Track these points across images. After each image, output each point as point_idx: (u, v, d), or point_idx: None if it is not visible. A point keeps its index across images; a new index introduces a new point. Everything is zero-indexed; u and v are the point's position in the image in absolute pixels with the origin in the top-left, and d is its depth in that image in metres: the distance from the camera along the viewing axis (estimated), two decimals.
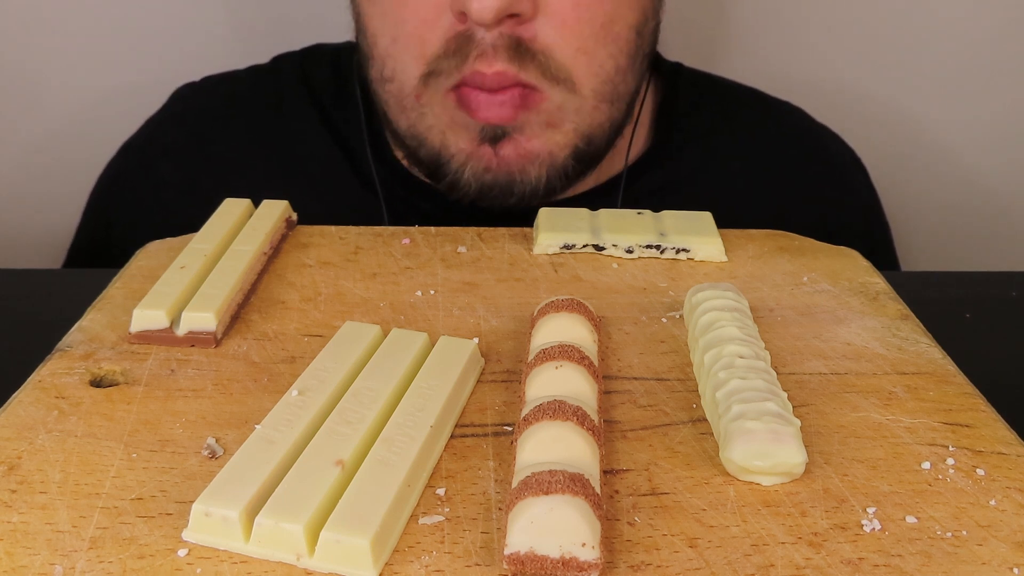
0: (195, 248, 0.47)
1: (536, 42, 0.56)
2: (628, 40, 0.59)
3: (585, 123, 0.60)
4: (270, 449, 0.32)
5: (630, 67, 0.61)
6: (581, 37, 0.57)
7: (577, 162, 0.61)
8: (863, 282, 0.48)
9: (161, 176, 0.70)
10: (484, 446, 0.35)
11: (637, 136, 0.70)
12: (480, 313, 0.45)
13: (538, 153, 0.60)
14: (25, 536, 0.30)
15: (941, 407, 0.38)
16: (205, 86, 0.74)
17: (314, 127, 0.69)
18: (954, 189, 0.93)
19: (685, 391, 0.39)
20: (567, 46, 0.57)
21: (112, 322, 0.43)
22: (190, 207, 0.54)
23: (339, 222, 0.54)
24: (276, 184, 0.67)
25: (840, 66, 0.88)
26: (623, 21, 0.58)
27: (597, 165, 0.65)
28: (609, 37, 0.58)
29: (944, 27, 0.87)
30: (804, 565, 0.30)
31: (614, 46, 0.59)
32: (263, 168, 0.69)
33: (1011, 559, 0.30)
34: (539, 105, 0.58)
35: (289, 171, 0.69)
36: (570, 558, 0.28)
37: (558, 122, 0.59)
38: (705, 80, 0.75)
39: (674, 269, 0.49)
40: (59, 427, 0.35)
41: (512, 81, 0.56)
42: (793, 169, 0.71)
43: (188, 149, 0.70)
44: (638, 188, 0.68)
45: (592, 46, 0.58)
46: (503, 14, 0.54)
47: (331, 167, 0.68)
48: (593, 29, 0.57)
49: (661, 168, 0.69)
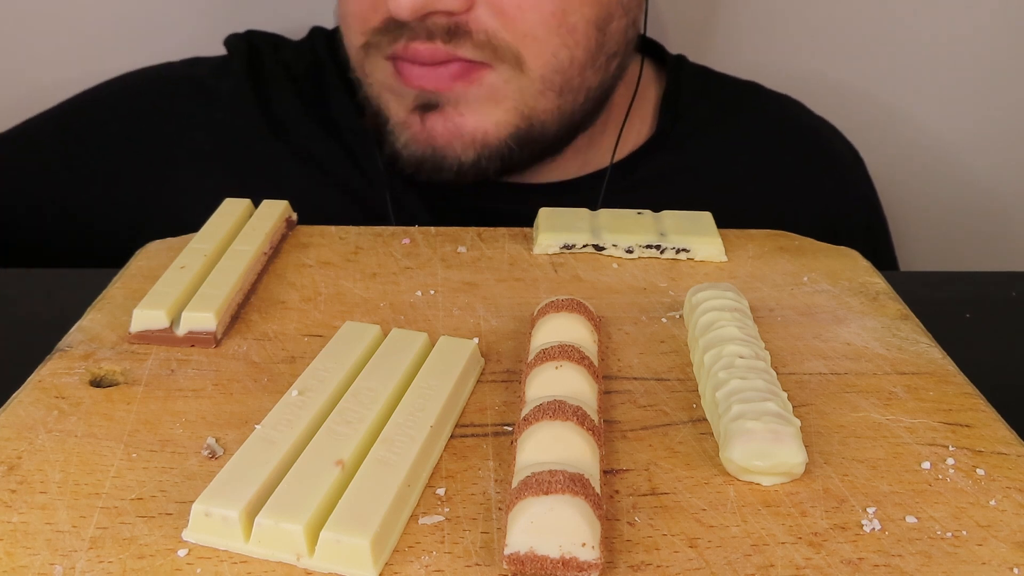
0: (195, 248, 0.47)
1: (474, 25, 0.57)
2: (586, 35, 0.60)
3: (528, 105, 0.60)
4: (270, 449, 0.32)
5: (589, 62, 0.61)
6: (526, 23, 0.58)
7: (519, 146, 0.62)
8: (863, 282, 0.48)
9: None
10: (484, 446, 0.35)
11: (641, 125, 0.71)
12: (480, 313, 0.45)
13: (468, 131, 0.60)
14: (25, 536, 0.30)
15: (941, 407, 0.38)
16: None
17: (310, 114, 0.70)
18: (954, 189, 0.93)
19: (685, 391, 0.39)
20: (512, 31, 0.58)
21: (112, 322, 0.43)
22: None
23: (344, 209, 0.54)
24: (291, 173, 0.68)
25: (841, 67, 0.88)
26: (578, 14, 0.59)
27: (554, 153, 0.66)
28: (563, 28, 0.59)
29: (944, 27, 0.87)
30: (804, 565, 0.30)
31: (569, 38, 0.59)
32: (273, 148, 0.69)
33: (1011, 559, 0.30)
34: (482, 78, 0.59)
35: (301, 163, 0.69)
36: (570, 558, 0.28)
37: (500, 98, 0.60)
38: (706, 73, 0.76)
39: (674, 269, 0.49)
40: (59, 427, 0.35)
41: (448, 57, 0.58)
42: (791, 160, 0.72)
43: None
44: (639, 175, 0.68)
45: (542, 33, 0.58)
46: (422, 11, 0.56)
47: (333, 158, 0.68)
48: (541, 16, 0.58)
49: (662, 156, 0.69)
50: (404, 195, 0.67)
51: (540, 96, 0.60)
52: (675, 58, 0.74)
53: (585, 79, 0.62)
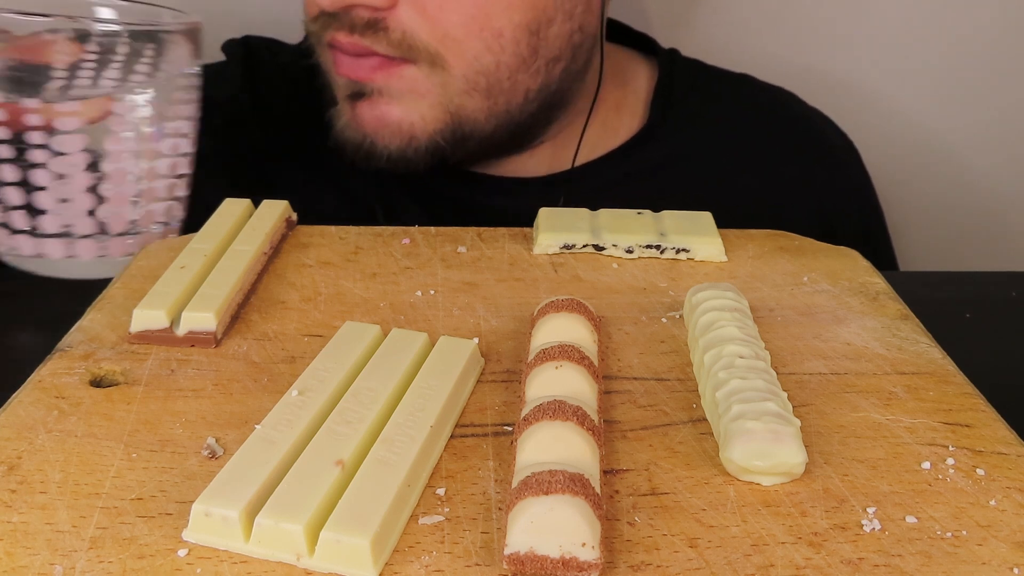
0: (195, 248, 0.47)
1: (392, 23, 0.59)
2: (515, 40, 0.60)
3: (454, 103, 0.61)
4: (270, 449, 0.32)
5: (521, 66, 0.61)
6: (446, 25, 0.59)
7: (450, 143, 0.63)
8: (863, 282, 0.48)
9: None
10: (484, 446, 0.35)
11: (632, 119, 0.71)
12: (480, 313, 0.45)
13: (394, 122, 0.62)
14: (25, 536, 0.30)
15: (941, 407, 0.38)
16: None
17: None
18: (954, 189, 0.93)
19: (685, 391, 0.39)
20: (431, 31, 0.59)
21: (112, 322, 0.43)
22: None
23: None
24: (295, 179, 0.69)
25: (841, 67, 0.88)
26: (504, 18, 0.59)
27: (517, 150, 0.67)
28: (486, 31, 0.59)
29: (944, 27, 0.87)
30: (804, 565, 0.30)
31: (494, 42, 0.59)
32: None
33: (1011, 559, 0.30)
34: (402, 72, 0.60)
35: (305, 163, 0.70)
36: (570, 558, 0.28)
37: (423, 92, 0.61)
38: (699, 66, 0.76)
39: (674, 269, 0.49)
40: (59, 427, 0.35)
41: (366, 51, 0.60)
42: (784, 149, 0.72)
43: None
44: (631, 165, 0.69)
45: (462, 35, 0.59)
46: (343, 3, 0.58)
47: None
48: (461, 19, 0.58)
49: (654, 147, 0.70)
50: (396, 193, 0.67)
51: (466, 95, 0.61)
52: (668, 51, 0.74)
53: (518, 82, 0.62)
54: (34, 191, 0.51)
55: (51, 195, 0.51)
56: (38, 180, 0.51)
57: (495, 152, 0.67)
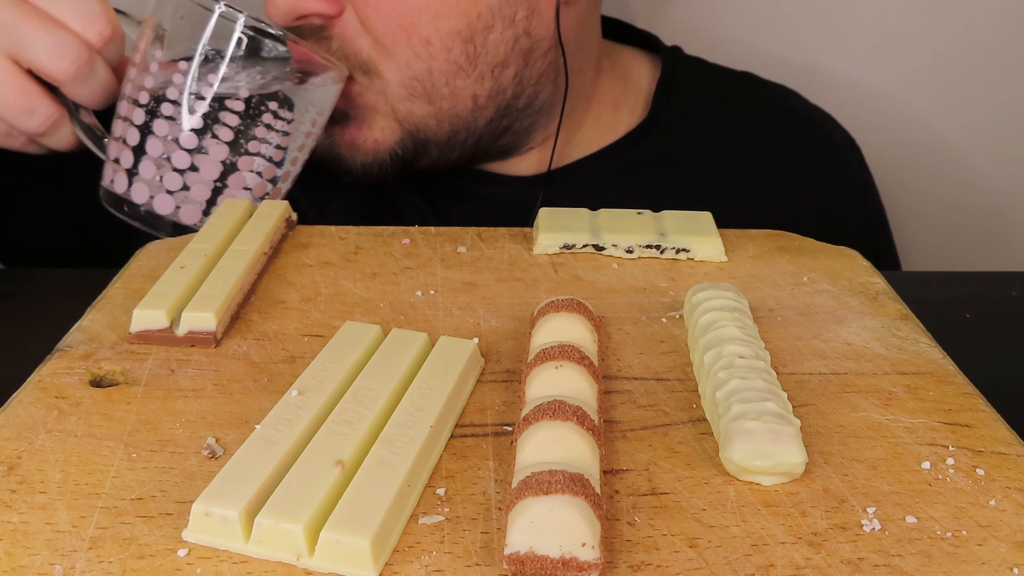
0: (195, 248, 0.47)
1: (336, 31, 0.60)
2: (445, 47, 0.60)
3: (400, 111, 0.62)
4: (270, 449, 0.32)
5: (459, 73, 0.61)
6: (376, 33, 0.60)
7: (413, 153, 0.64)
8: (863, 282, 0.48)
9: None
10: (484, 446, 0.35)
11: (631, 115, 0.71)
12: (480, 313, 0.45)
13: (362, 142, 0.63)
14: (25, 536, 0.30)
15: (941, 407, 0.38)
16: None
17: None
18: (954, 189, 0.93)
19: (685, 391, 0.39)
20: (365, 39, 0.60)
21: (112, 322, 0.43)
22: None
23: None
24: None
25: (843, 65, 0.88)
26: (431, 27, 0.59)
27: (484, 157, 0.67)
28: (413, 39, 0.59)
29: (947, 25, 0.87)
30: (804, 565, 0.30)
31: (422, 49, 0.60)
32: None
33: (1011, 559, 0.30)
34: (350, 88, 0.61)
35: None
36: (570, 558, 0.28)
37: (373, 104, 0.62)
38: (700, 63, 0.76)
39: (674, 269, 0.49)
40: (59, 427, 0.35)
41: None
42: (785, 146, 0.72)
43: None
44: (630, 159, 0.69)
45: (390, 43, 0.60)
46: (293, 15, 0.59)
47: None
48: (387, 27, 0.59)
49: (654, 142, 0.70)
50: (405, 193, 0.68)
51: (408, 101, 0.62)
52: (670, 49, 0.74)
53: (459, 88, 0.62)
54: (194, 152, 0.55)
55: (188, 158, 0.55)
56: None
57: (478, 159, 0.68)
